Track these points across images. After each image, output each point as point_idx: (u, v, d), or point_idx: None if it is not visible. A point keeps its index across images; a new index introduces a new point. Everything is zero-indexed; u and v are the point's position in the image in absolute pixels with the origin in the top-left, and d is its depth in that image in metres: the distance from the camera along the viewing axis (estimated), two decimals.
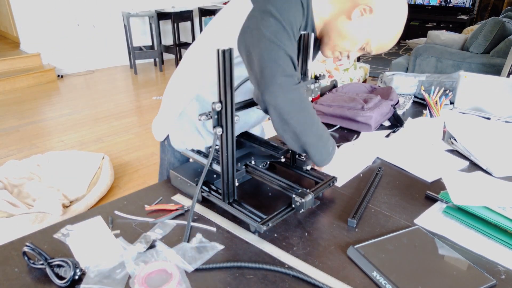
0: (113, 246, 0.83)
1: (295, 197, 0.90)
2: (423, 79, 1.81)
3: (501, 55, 3.46)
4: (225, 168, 0.89)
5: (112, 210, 0.96)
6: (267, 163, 1.14)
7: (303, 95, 0.89)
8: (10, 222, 2.03)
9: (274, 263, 0.79)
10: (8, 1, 4.90)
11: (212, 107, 0.81)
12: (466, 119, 1.53)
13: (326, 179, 1.03)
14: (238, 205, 0.92)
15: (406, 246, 0.83)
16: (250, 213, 0.89)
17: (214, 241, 0.85)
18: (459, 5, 7.12)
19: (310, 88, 0.98)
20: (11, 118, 3.77)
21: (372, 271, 0.76)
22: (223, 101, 0.81)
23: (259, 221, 0.86)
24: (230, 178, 0.91)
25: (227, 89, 0.81)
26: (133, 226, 0.90)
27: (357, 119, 1.42)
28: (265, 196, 1.04)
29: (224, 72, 0.78)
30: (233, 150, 0.87)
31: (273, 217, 0.88)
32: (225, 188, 0.91)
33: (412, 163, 1.20)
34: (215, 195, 0.96)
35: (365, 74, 3.95)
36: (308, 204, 0.90)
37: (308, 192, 0.91)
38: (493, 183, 1.02)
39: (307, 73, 0.99)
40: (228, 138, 0.85)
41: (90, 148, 3.19)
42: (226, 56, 0.77)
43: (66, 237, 0.85)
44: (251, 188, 1.07)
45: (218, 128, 0.83)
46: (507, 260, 0.82)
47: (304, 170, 1.08)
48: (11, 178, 2.45)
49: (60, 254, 0.81)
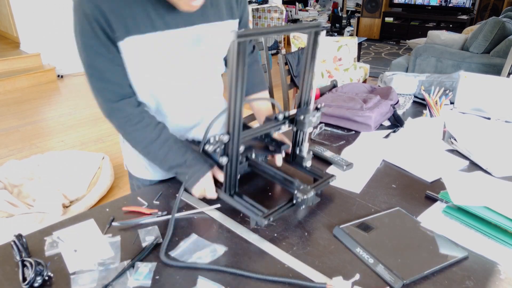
0: (102, 251, 0.82)
1: (297, 193, 0.91)
2: (423, 79, 1.81)
3: (501, 55, 3.45)
4: (229, 160, 0.89)
5: (112, 210, 0.96)
6: (266, 157, 1.15)
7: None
8: (10, 222, 2.03)
9: (274, 265, 0.79)
10: (8, 1, 4.90)
11: (220, 138, 0.83)
12: (466, 119, 1.53)
13: (326, 177, 1.03)
14: (239, 197, 0.93)
15: (387, 225, 0.90)
16: (251, 207, 0.90)
17: (214, 242, 0.85)
18: (459, 5, 7.12)
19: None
20: (11, 118, 3.77)
21: (356, 247, 0.83)
22: (231, 132, 0.83)
23: (260, 214, 0.86)
24: (233, 170, 0.91)
25: (236, 123, 0.82)
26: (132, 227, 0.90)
27: (356, 119, 1.42)
28: (265, 190, 1.05)
29: (236, 106, 0.80)
30: (238, 143, 0.88)
31: (274, 211, 0.88)
32: (228, 180, 0.92)
33: (412, 163, 1.20)
34: (216, 187, 0.96)
35: (365, 74, 3.95)
36: (309, 201, 0.91)
37: (310, 189, 0.92)
38: (493, 183, 1.02)
39: (314, 73, 0.99)
40: (235, 133, 0.85)
41: (90, 148, 3.19)
42: (238, 93, 0.79)
43: (58, 242, 0.84)
44: (250, 182, 1.08)
45: (224, 158, 0.86)
46: (507, 260, 0.82)
47: (304, 167, 1.09)
48: (11, 178, 2.45)
49: (56, 257, 0.81)
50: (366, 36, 7.73)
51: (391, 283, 0.75)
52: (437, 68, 3.77)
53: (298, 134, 1.05)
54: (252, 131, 0.95)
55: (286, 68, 2.25)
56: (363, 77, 3.89)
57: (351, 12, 8.19)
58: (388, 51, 6.89)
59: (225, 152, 0.87)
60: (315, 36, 0.93)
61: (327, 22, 7.46)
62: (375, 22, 7.79)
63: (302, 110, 0.99)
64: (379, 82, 1.96)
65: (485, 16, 6.82)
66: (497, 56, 3.49)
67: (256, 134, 0.97)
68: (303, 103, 1.01)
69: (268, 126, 0.98)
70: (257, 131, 0.96)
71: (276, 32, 0.84)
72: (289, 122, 1.01)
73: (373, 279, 0.76)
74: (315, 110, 1.00)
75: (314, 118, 0.99)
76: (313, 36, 0.93)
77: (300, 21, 7.29)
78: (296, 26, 0.89)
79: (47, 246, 0.83)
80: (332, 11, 6.92)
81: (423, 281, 0.75)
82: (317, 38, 0.93)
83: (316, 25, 0.92)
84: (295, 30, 0.88)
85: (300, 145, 1.07)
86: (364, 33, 7.88)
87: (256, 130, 0.96)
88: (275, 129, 1.00)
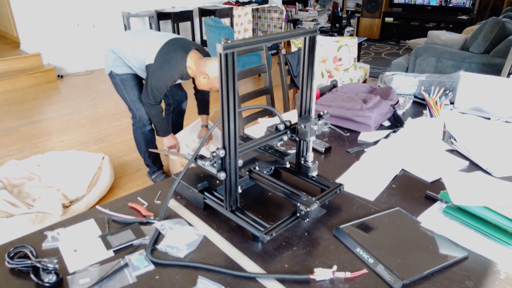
0: (100, 251, 0.82)
1: (300, 205, 0.87)
2: (423, 79, 1.81)
3: (501, 55, 3.45)
4: (228, 175, 0.85)
5: (112, 210, 0.96)
6: (271, 169, 1.11)
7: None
8: (10, 222, 2.03)
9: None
10: (8, 1, 4.90)
11: (216, 153, 0.81)
12: (466, 119, 1.53)
13: (333, 186, 0.99)
14: (241, 213, 0.89)
15: (387, 225, 0.90)
16: (253, 222, 0.86)
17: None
18: (459, 5, 7.12)
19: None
20: (11, 118, 3.77)
21: (356, 248, 0.83)
22: (227, 146, 0.81)
23: (262, 230, 0.83)
24: (233, 185, 0.87)
25: (231, 136, 0.81)
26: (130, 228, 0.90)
27: (356, 119, 1.42)
28: (271, 202, 1.01)
29: (229, 119, 0.79)
30: (236, 158, 0.85)
31: (276, 226, 0.84)
32: (227, 195, 0.88)
33: (412, 163, 1.20)
34: (217, 202, 0.93)
35: (365, 74, 3.95)
36: (313, 213, 0.86)
37: (314, 201, 0.88)
38: (493, 183, 1.02)
39: (313, 79, 0.97)
40: (231, 147, 0.83)
41: (90, 148, 3.19)
42: (231, 106, 0.79)
43: (55, 241, 0.84)
44: (256, 194, 1.04)
45: (222, 173, 0.83)
46: (507, 260, 0.82)
47: (310, 177, 1.05)
48: (11, 178, 2.45)
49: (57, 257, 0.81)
50: (366, 36, 7.73)
51: (391, 283, 0.75)
52: (437, 68, 3.77)
53: (301, 143, 1.02)
54: (251, 143, 0.91)
55: (286, 68, 2.25)
56: (363, 77, 3.89)
57: (351, 12, 8.18)
58: (388, 51, 6.89)
59: (222, 167, 0.84)
60: (310, 42, 0.91)
61: (327, 22, 7.46)
62: (375, 22, 7.78)
63: (303, 119, 0.96)
64: (379, 82, 1.96)
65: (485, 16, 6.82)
66: (497, 56, 3.49)
67: (255, 146, 0.93)
68: (304, 111, 0.98)
69: (268, 137, 0.95)
70: (256, 143, 0.93)
71: (264, 42, 0.80)
72: (291, 132, 0.98)
73: (373, 279, 0.76)
74: (316, 118, 0.97)
75: (315, 127, 0.96)
76: (309, 41, 0.91)
77: (300, 21, 7.28)
78: (284, 34, 0.85)
79: (45, 244, 0.83)
80: (332, 11, 6.91)
81: (423, 281, 0.75)
82: (314, 44, 0.91)
83: (312, 31, 0.90)
84: (283, 38, 0.85)
85: (304, 155, 1.04)
86: (364, 33, 7.87)
87: (255, 142, 0.93)
88: (276, 140, 0.97)
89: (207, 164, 0.87)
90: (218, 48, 0.72)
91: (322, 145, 1.28)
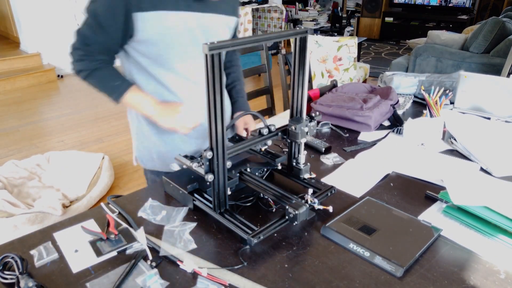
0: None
1: (288, 208, 0.85)
2: (423, 79, 1.81)
3: (501, 55, 3.45)
4: (216, 177, 0.84)
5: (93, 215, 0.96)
6: (264, 171, 1.10)
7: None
8: (10, 222, 2.03)
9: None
10: (8, 1, 4.90)
11: (203, 154, 0.80)
12: (466, 119, 1.53)
13: (324, 188, 0.99)
14: (229, 215, 0.88)
15: (365, 216, 0.93)
16: (241, 224, 0.85)
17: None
18: (459, 5, 7.12)
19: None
20: (11, 118, 3.77)
21: (349, 244, 0.84)
22: (215, 148, 0.80)
23: (250, 233, 0.82)
24: (221, 188, 0.86)
25: (219, 137, 0.79)
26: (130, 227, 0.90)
27: (356, 119, 1.42)
28: (263, 204, 0.99)
29: (216, 121, 0.78)
30: (224, 159, 0.84)
31: (264, 229, 0.84)
32: (216, 198, 0.87)
33: (413, 163, 1.20)
34: (206, 204, 0.91)
35: (365, 74, 3.95)
36: (302, 216, 0.85)
37: (303, 203, 0.87)
38: (493, 183, 1.02)
39: (305, 81, 0.95)
40: (219, 148, 0.82)
41: (90, 148, 3.19)
42: (218, 108, 0.78)
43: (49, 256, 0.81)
44: (247, 196, 1.01)
45: (210, 175, 0.83)
46: (507, 260, 0.82)
47: (302, 179, 1.04)
48: (11, 178, 2.45)
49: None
50: (366, 36, 7.73)
51: (392, 272, 0.76)
52: (437, 68, 3.77)
53: (293, 145, 1.01)
54: (238, 145, 0.91)
55: (286, 68, 2.25)
56: (363, 77, 3.89)
57: (351, 12, 8.18)
58: (388, 51, 6.89)
59: (210, 169, 0.83)
60: (301, 43, 0.90)
61: (327, 22, 7.45)
62: (375, 22, 7.79)
63: (294, 120, 0.95)
64: (379, 82, 1.96)
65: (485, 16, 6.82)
66: (497, 56, 3.49)
67: (243, 149, 0.92)
68: (295, 112, 0.97)
69: (255, 140, 0.94)
70: (244, 145, 0.92)
71: (253, 42, 0.79)
72: (282, 133, 0.98)
73: (375, 271, 0.77)
74: (308, 119, 0.96)
75: (306, 128, 0.95)
76: (300, 42, 0.90)
77: (300, 21, 7.28)
78: (274, 35, 0.84)
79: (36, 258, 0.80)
80: (332, 11, 6.91)
81: (423, 281, 0.75)
82: (305, 45, 0.90)
83: (302, 32, 0.88)
84: (272, 39, 0.84)
85: (296, 157, 1.03)
86: (364, 33, 7.87)
87: (242, 144, 0.92)
88: (264, 142, 0.96)
89: (195, 165, 0.85)
90: (204, 49, 0.70)
91: (322, 145, 1.28)
